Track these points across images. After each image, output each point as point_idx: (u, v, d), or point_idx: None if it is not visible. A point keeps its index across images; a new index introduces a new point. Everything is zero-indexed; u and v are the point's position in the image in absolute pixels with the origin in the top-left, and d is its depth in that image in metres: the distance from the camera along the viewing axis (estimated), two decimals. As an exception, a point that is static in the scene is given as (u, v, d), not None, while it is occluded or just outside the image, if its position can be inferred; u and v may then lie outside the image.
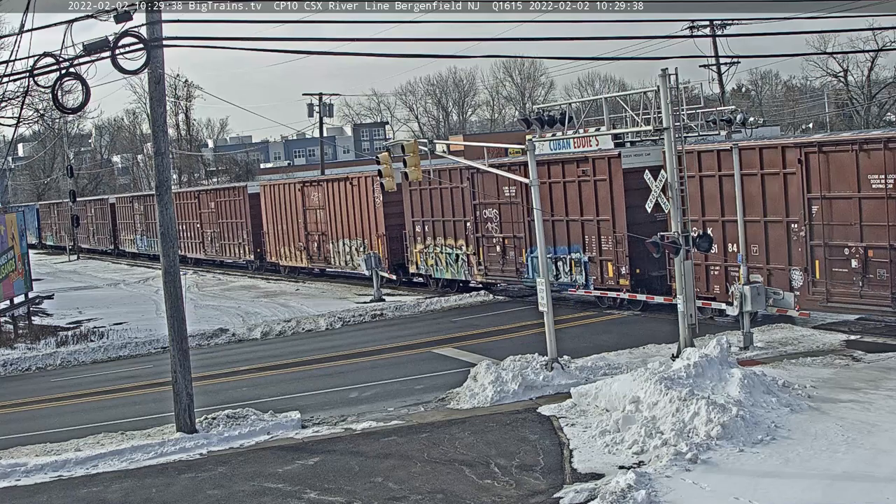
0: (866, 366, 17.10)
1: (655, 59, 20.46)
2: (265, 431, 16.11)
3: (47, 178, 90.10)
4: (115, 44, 14.17)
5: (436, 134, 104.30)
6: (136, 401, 20.20)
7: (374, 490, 12.81)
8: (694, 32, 49.54)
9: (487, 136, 76.09)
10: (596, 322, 24.20)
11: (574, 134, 25.29)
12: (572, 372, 17.65)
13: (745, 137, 21.90)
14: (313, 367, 22.03)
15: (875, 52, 55.22)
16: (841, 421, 13.71)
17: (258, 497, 13.04)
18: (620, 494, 11.42)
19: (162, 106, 16.32)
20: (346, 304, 31.50)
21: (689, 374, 14.97)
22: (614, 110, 23.99)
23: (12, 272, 32.17)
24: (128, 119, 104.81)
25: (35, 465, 15.18)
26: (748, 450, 12.82)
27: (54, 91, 14.79)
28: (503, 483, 12.61)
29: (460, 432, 15.09)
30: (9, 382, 24.13)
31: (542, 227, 18.80)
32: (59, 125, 61.77)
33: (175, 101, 76.97)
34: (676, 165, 18.28)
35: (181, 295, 16.37)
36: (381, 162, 22.05)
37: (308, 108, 59.50)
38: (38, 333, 29.71)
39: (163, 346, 24.76)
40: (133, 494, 13.66)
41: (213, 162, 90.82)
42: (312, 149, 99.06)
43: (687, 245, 18.31)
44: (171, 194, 16.56)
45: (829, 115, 74.97)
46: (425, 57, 36.19)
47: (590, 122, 23.49)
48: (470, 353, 21.26)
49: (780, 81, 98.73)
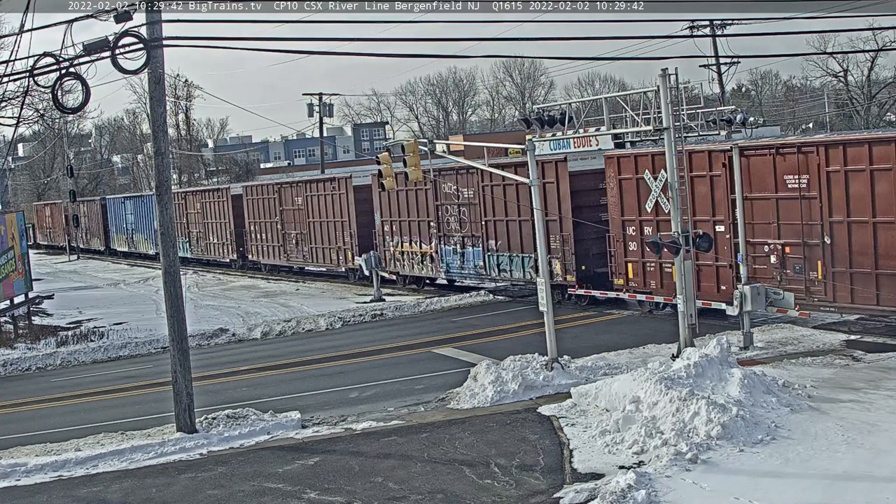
0: (866, 366, 17.10)
1: (655, 59, 20.49)
2: (265, 431, 16.11)
3: (47, 178, 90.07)
4: (115, 44, 14.16)
5: (436, 134, 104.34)
6: (136, 401, 20.20)
7: (374, 490, 12.81)
8: (694, 32, 49.54)
9: (487, 136, 76.15)
10: (596, 322, 24.20)
11: (574, 134, 25.27)
12: (572, 372, 17.65)
13: (745, 137, 21.90)
14: (313, 367, 22.03)
15: (875, 52, 55.25)
16: (841, 421, 13.71)
17: (258, 497, 13.04)
18: (620, 494, 11.42)
19: (162, 106, 16.32)
20: (346, 303, 31.51)
21: (689, 373, 14.98)
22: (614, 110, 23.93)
23: (12, 272, 32.17)
24: (128, 119, 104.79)
25: (35, 465, 15.19)
26: (748, 450, 12.82)
27: (54, 91, 14.78)
28: (503, 483, 12.61)
29: (460, 432, 15.09)
30: (9, 382, 24.13)
31: (543, 227, 18.81)
32: (59, 125, 61.77)
33: (175, 101, 76.94)
34: (675, 166, 18.30)
35: (181, 295, 16.37)
36: (381, 162, 22.05)
37: (308, 108, 59.57)
38: (38, 333, 29.71)
39: (163, 346, 24.76)
40: (133, 494, 13.66)
41: (213, 162, 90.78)
42: (312, 149, 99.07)
43: (687, 245, 18.33)
44: (171, 194, 16.58)
45: (829, 115, 74.96)
46: (425, 57, 36.25)
47: (590, 122, 23.41)
48: (470, 353, 21.26)
49: (780, 81, 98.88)
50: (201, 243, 47.86)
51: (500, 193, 28.22)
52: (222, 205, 45.16)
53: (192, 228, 48.56)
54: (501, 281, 29.56)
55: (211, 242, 46.83)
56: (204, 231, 47.32)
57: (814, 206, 19.98)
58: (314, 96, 59.32)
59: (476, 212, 29.24)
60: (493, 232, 28.67)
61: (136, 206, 55.99)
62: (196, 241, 48.33)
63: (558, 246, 25.99)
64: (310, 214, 37.70)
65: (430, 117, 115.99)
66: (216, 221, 45.99)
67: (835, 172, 19.55)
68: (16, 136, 66.19)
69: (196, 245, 48.41)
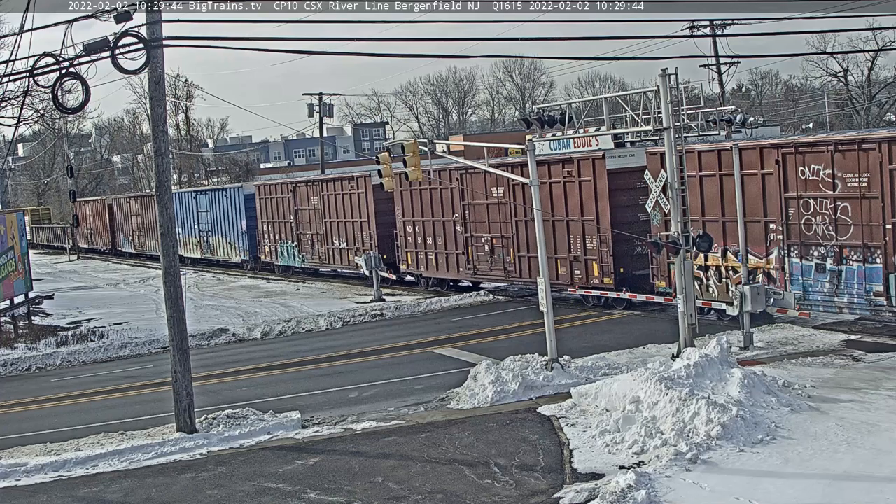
0: (866, 366, 17.10)
1: (655, 59, 20.46)
2: (265, 431, 16.11)
3: (47, 178, 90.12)
4: (115, 44, 14.15)
5: (436, 134, 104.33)
6: (136, 401, 20.20)
7: (374, 490, 12.81)
8: (694, 32, 49.56)
9: (487, 136, 76.13)
10: (596, 322, 24.20)
11: (574, 134, 25.27)
12: (572, 372, 17.65)
13: (745, 137, 21.89)
14: (313, 367, 22.03)
15: (875, 52, 55.25)
16: (841, 421, 13.71)
17: (258, 497, 13.04)
18: (620, 494, 11.42)
19: (162, 106, 16.32)
20: (346, 304, 31.51)
21: (689, 374, 14.98)
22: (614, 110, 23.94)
23: (12, 272, 32.18)
24: (128, 119, 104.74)
25: (35, 465, 15.18)
26: (748, 450, 12.82)
27: (54, 91, 14.78)
28: (503, 483, 12.61)
29: (460, 432, 15.09)
30: (9, 382, 24.13)
31: (542, 226, 18.81)
32: (59, 125, 61.70)
33: (175, 101, 76.89)
34: (677, 165, 18.29)
35: (181, 295, 16.37)
36: (381, 162, 22.07)
37: (308, 108, 59.54)
38: (38, 333, 29.72)
39: (163, 346, 24.76)
40: (133, 494, 13.66)
41: (213, 162, 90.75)
42: (312, 149, 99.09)
43: (687, 245, 18.33)
44: (171, 194, 16.57)
45: (829, 115, 74.95)
46: (425, 57, 36.34)
47: (590, 122, 23.42)
48: (470, 353, 21.26)
49: (780, 81, 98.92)
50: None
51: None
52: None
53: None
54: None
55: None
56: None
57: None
58: (314, 96, 59.33)
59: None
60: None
61: (215, 201, 46.45)
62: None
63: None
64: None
65: (430, 117, 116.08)
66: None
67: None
68: (16, 136, 66.21)
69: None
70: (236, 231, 44.09)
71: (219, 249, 46.27)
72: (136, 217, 56.57)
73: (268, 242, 41.34)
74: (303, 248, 38.82)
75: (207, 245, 47.26)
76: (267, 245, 41.47)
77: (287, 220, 39.56)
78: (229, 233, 44.89)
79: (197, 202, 47.96)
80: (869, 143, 18.84)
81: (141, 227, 55.65)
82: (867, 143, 18.86)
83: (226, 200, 44.86)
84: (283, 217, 39.88)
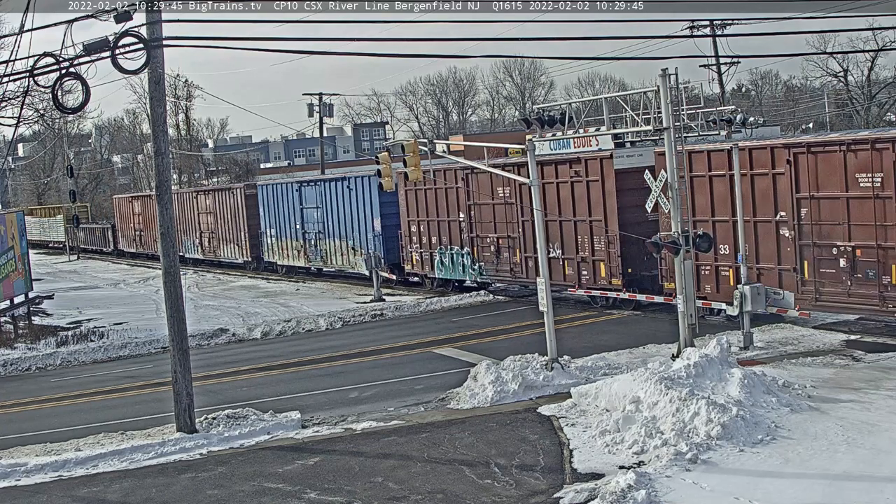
0: (866, 366, 17.11)
1: (655, 59, 20.46)
2: (265, 431, 16.11)
3: (47, 178, 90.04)
4: (115, 44, 14.15)
5: (436, 134, 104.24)
6: (136, 401, 20.20)
7: (374, 490, 12.81)
8: (694, 32, 49.56)
9: (487, 136, 76.11)
10: (596, 322, 24.20)
11: (574, 134, 25.30)
12: (572, 372, 17.66)
13: (745, 137, 21.89)
14: (313, 367, 22.03)
15: (875, 52, 55.24)
16: (841, 421, 13.71)
17: (258, 497, 13.04)
18: (620, 494, 11.42)
19: (162, 106, 16.32)
20: (346, 304, 31.51)
21: (689, 374, 14.98)
22: (614, 110, 23.96)
23: (12, 272, 32.17)
24: (128, 119, 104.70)
25: (35, 465, 15.18)
26: (748, 450, 12.83)
27: (54, 91, 14.77)
28: (503, 483, 12.61)
29: (460, 432, 15.09)
30: (9, 382, 24.13)
31: (542, 226, 18.80)
32: (59, 125, 61.68)
33: (175, 101, 76.86)
34: (676, 165, 18.29)
35: (181, 295, 16.37)
36: (380, 162, 22.07)
37: (308, 108, 59.51)
38: (38, 333, 29.71)
39: (163, 346, 24.76)
40: (133, 494, 13.66)
41: (213, 162, 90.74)
42: (312, 149, 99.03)
43: (687, 245, 18.32)
44: (171, 194, 16.57)
45: (829, 116, 74.95)
46: (425, 57, 36.35)
47: (590, 122, 23.46)
48: (470, 353, 21.26)
49: (780, 81, 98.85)
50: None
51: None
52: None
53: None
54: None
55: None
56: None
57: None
58: (314, 96, 59.31)
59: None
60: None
61: (324, 193, 36.99)
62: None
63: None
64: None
65: (430, 117, 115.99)
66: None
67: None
68: (16, 136, 66.20)
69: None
70: (363, 233, 34.63)
71: (335, 257, 36.82)
72: (209, 216, 47.32)
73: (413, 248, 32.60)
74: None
75: (314, 250, 38.12)
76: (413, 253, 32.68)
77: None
78: (353, 235, 35.21)
79: (301, 195, 38.63)
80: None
81: (220, 230, 46.42)
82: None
83: (349, 193, 35.38)
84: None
